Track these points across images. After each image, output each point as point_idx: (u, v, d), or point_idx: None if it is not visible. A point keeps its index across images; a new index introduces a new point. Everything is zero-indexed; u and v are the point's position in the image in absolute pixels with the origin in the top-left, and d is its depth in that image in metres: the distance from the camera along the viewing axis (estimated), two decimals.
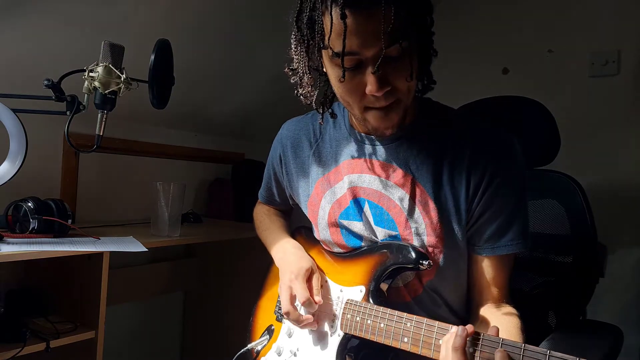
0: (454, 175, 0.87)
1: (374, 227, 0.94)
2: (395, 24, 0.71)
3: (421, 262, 0.85)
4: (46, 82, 1.06)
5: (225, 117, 2.14)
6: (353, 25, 0.72)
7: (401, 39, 0.73)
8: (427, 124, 0.92)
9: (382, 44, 0.72)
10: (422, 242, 0.89)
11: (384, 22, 0.71)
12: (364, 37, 0.73)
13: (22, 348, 1.10)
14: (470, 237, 0.90)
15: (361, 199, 0.94)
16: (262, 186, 1.22)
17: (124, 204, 1.83)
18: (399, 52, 0.75)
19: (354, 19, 0.72)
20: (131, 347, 1.93)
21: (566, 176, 1.28)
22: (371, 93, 0.78)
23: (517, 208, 0.88)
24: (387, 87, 0.77)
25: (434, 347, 0.77)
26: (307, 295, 0.93)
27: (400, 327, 0.82)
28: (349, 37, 0.73)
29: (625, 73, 1.88)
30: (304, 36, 0.79)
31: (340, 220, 0.97)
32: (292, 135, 1.07)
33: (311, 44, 0.80)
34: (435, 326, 0.78)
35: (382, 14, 0.70)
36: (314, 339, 0.96)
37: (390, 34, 0.72)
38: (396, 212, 0.90)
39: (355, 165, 0.95)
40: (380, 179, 0.92)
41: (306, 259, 1.01)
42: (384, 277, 0.89)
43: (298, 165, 1.05)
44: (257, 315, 1.14)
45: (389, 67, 0.76)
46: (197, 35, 1.67)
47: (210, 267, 2.06)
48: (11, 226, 1.24)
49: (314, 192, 1.02)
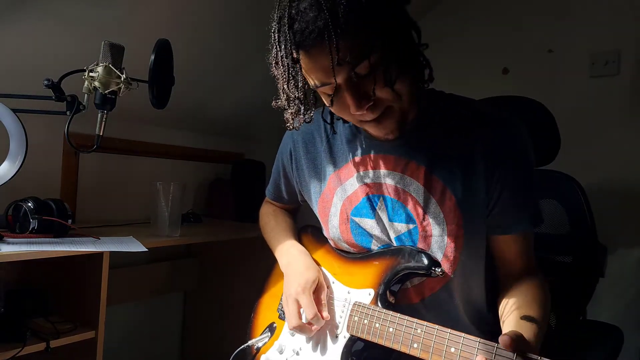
0: (468, 162, 0.88)
1: (390, 224, 0.93)
2: (352, 48, 0.72)
3: (433, 268, 0.85)
4: (46, 82, 1.06)
5: (225, 117, 2.14)
6: (311, 63, 0.76)
7: (364, 58, 0.74)
8: (435, 114, 0.92)
9: (345, 71, 0.74)
10: (442, 231, 0.89)
11: (334, 54, 0.72)
12: (323, 70, 0.75)
13: (22, 348, 1.10)
14: (490, 219, 0.91)
15: (375, 195, 0.94)
16: (270, 182, 1.21)
17: (124, 204, 1.83)
18: (368, 69, 0.75)
19: (308, 57, 0.75)
20: (131, 347, 1.93)
21: (566, 176, 1.28)
22: (353, 113, 0.80)
23: (531, 187, 0.91)
24: (368, 102, 0.78)
25: (445, 355, 0.76)
26: (315, 311, 0.92)
27: (410, 333, 0.81)
28: (314, 72, 0.77)
29: (625, 73, 1.88)
30: (283, 75, 0.81)
31: (352, 217, 0.97)
32: (303, 130, 1.05)
33: (291, 81, 0.81)
34: (448, 333, 0.77)
35: (336, 37, 0.71)
36: (318, 339, 0.96)
37: (354, 52, 0.73)
38: (413, 204, 0.90)
39: (366, 162, 0.95)
40: (394, 173, 0.92)
41: (313, 269, 1.00)
42: (395, 281, 0.89)
43: (309, 160, 1.05)
44: (258, 312, 1.13)
45: (366, 82, 0.77)
46: (197, 35, 1.67)
47: (210, 267, 2.06)
48: (11, 226, 1.24)
49: (326, 188, 1.02)
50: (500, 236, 0.92)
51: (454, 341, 0.76)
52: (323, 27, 0.71)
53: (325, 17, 0.71)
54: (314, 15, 0.71)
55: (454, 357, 0.75)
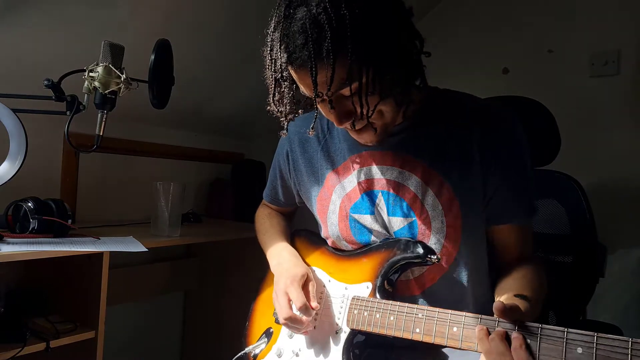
0: (465, 155, 0.89)
1: (388, 218, 0.94)
2: (333, 78, 0.74)
3: (429, 256, 0.86)
4: (46, 82, 1.06)
5: (225, 117, 2.14)
6: (299, 78, 0.79)
7: (345, 86, 0.76)
8: (433, 109, 0.93)
9: (327, 93, 0.77)
10: (441, 223, 0.90)
11: (315, 83, 0.75)
12: (309, 87, 0.78)
13: (22, 348, 1.10)
14: (488, 210, 0.92)
15: (374, 191, 0.95)
16: (267, 185, 1.22)
17: (124, 204, 1.83)
18: (350, 92, 0.77)
19: (296, 74, 0.79)
20: (131, 347, 1.92)
21: (566, 176, 1.28)
22: (336, 125, 0.85)
23: (527, 178, 0.93)
24: (348, 120, 0.83)
25: (449, 336, 0.76)
26: (303, 300, 0.92)
27: (411, 319, 0.82)
28: (302, 85, 0.81)
29: (625, 73, 1.88)
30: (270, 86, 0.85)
31: (351, 214, 0.98)
32: (299, 131, 1.07)
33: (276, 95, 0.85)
34: (449, 314, 0.78)
35: (316, 69, 0.74)
36: (318, 338, 0.96)
37: (334, 82, 0.74)
38: (411, 198, 0.92)
39: (365, 158, 0.97)
40: (392, 168, 0.93)
41: (301, 266, 1.01)
42: (391, 272, 0.90)
43: (306, 160, 1.06)
44: (253, 319, 1.13)
45: (347, 101, 0.80)
46: (196, 35, 1.67)
47: (210, 267, 2.06)
48: (11, 226, 1.24)
49: (324, 187, 1.02)
50: (497, 226, 0.94)
51: (455, 321, 0.77)
52: (307, 58, 0.74)
53: (310, 49, 0.73)
54: (301, 43, 0.74)
55: (456, 336, 0.76)
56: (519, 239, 0.95)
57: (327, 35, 0.72)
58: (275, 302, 0.98)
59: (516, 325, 0.70)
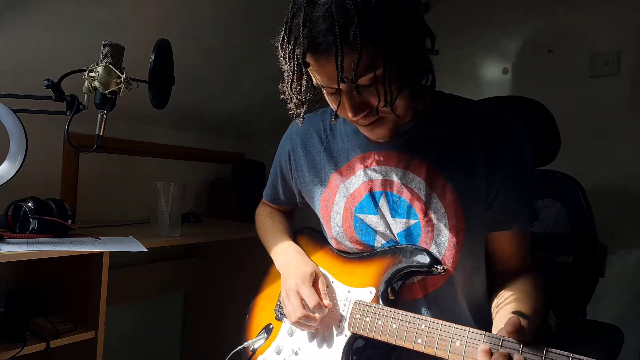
0: (469, 158, 0.89)
1: (392, 219, 0.94)
2: (357, 64, 0.73)
3: (435, 266, 0.86)
4: (46, 82, 1.06)
5: (225, 117, 2.14)
6: (318, 67, 0.78)
7: (368, 73, 0.75)
8: (438, 112, 0.93)
9: (349, 82, 0.76)
10: (444, 226, 0.89)
11: (339, 69, 0.74)
12: (328, 77, 0.78)
13: (22, 348, 1.10)
14: (490, 215, 0.92)
15: (377, 192, 0.95)
16: (267, 184, 1.21)
17: (124, 204, 1.83)
18: (371, 81, 0.77)
19: (316, 62, 0.77)
20: (131, 347, 1.92)
21: (566, 176, 1.28)
22: (348, 118, 0.84)
23: (529, 185, 0.93)
24: (363, 111, 0.82)
25: (451, 350, 0.76)
26: (316, 299, 0.92)
27: (414, 329, 0.82)
28: (319, 75, 0.80)
29: (625, 73, 1.88)
30: (288, 74, 0.83)
31: (356, 214, 0.97)
32: (302, 131, 1.07)
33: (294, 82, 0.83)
34: (453, 327, 0.77)
35: (342, 53, 0.73)
36: (318, 338, 0.96)
37: (356, 70, 0.74)
38: (414, 199, 0.91)
39: (368, 159, 0.96)
40: (397, 169, 0.93)
41: (309, 264, 1.01)
42: (396, 279, 0.89)
43: (309, 161, 1.05)
44: (253, 314, 1.13)
45: (365, 92, 0.79)
46: (196, 35, 1.67)
47: (210, 267, 2.05)
48: (11, 226, 1.24)
49: (327, 187, 1.02)
50: (497, 232, 0.94)
51: (459, 335, 0.76)
52: (332, 43, 0.73)
53: (335, 34, 0.72)
54: (326, 28, 0.73)
55: (459, 350, 0.75)
56: (516, 247, 0.95)
57: (354, 20, 0.72)
58: (285, 301, 0.98)
59: (521, 345, 0.69)
